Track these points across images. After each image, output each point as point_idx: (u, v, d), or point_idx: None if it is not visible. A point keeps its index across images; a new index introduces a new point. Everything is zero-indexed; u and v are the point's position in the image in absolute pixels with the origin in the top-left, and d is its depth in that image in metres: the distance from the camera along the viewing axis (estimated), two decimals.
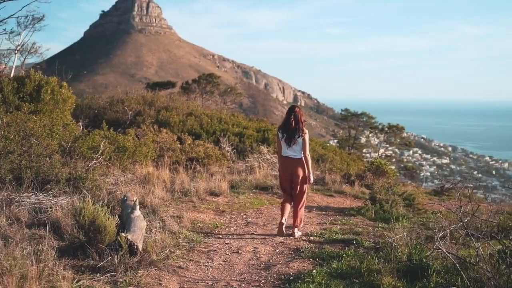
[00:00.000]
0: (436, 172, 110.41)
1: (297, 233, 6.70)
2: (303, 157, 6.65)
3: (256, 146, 15.36)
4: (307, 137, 6.63)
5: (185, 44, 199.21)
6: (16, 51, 28.95)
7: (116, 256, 4.48)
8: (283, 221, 6.55)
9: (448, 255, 4.82)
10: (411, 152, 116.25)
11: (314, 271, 4.89)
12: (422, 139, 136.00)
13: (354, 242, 6.13)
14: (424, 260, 4.98)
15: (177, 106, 19.98)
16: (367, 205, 8.49)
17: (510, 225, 7.02)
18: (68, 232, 5.20)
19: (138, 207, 5.90)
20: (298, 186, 6.69)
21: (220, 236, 6.38)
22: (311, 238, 6.53)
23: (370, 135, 57.93)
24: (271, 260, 5.43)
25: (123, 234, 4.74)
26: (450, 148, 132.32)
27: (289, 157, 6.66)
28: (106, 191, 7.69)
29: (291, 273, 4.97)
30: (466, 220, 5.86)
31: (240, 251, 5.72)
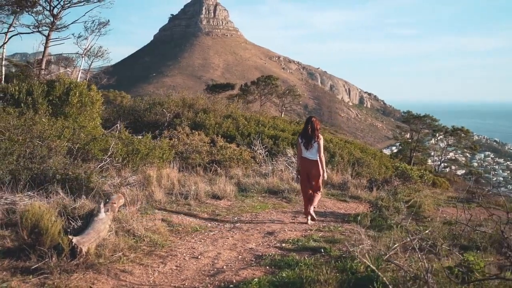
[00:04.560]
0: (509, 177, 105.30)
1: (312, 213, 8.05)
2: (318, 159, 7.83)
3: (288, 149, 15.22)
4: (322, 142, 7.88)
5: (251, 46, 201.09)
6: (83, 55, 30.29)
7: (53, 258, 4.56)
8: (310, 210, 7.96)
9: (372, 268, 4.56)
10: (482, 156, 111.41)
11: (255, 279, 4.75)
12: (494, 143, 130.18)
13: (322, 251, 5.93)
14: (375, 272, 4.74)
15: (216, 108, 20.13)
16: (364, 212, 8.21)
17: (505, 236, 6.57)
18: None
19: (103, 210, 6.00)
20: (314, 181, 7.99)
21: (192, 240, 6.34)
22: (283, 245, 6.36)
23: (439, 137, 56.00)
24: (224, 267, 5.33)
25: (68, 236, 4.83)
26: None
27: (307, 158, 7.93)
28: (102, 193, 7.85)
29: (234, 281, 4.85)
30: (428, 230, 5.51)
31: (200, 256, 5.65)
